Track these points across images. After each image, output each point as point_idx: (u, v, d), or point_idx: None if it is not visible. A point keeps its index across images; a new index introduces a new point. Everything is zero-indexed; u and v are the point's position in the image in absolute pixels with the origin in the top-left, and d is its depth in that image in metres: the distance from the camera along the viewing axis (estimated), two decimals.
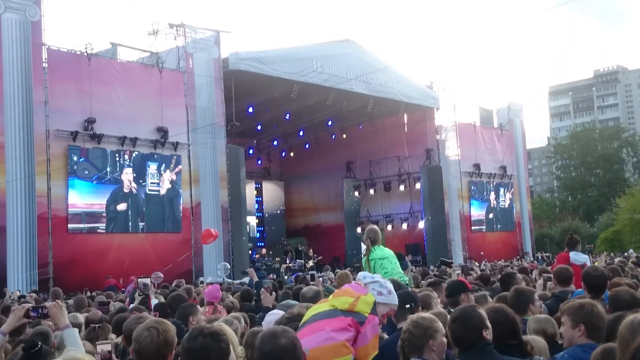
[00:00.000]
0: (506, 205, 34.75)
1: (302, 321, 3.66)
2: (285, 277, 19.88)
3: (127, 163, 20.09)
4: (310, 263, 26.25)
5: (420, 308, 4.66)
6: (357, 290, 3.75)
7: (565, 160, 72.64)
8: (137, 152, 20.33)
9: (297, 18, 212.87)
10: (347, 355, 3.59)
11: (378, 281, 3.93)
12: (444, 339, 3.67)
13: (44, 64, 18.55)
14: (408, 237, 31.18)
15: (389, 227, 31.37)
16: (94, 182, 19.43)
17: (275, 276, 18.87)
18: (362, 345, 3.65)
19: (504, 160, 34.61)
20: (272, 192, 34.71)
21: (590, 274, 5.96)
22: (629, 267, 10.68)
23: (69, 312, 8.01)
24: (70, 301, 9.91)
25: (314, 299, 5.00)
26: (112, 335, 5.57)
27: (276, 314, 4.42)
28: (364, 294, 3.75)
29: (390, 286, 3.97)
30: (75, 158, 19.05)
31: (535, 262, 24.62)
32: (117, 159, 19.93)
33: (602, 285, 5.85)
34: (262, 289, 6.47)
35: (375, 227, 7.59)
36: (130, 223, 20.18)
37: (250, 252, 25.87)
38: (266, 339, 2.94)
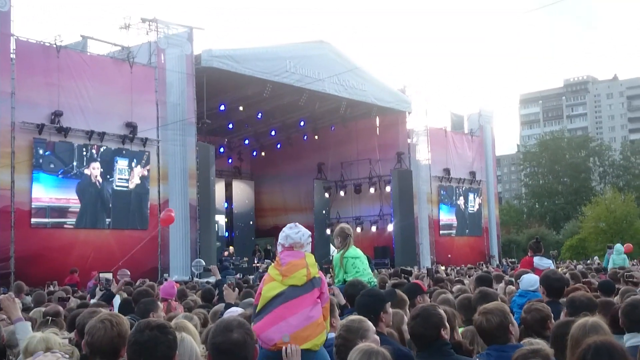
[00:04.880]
0: (474, 211, 35.10)
1: (261, 307, 3.59)
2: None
3: (95, 157, 19.80)
4: None
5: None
6: (299, 257, 3.72)
7: (534, 168, 73.75)
8: (104, 147, 20.04)
9: (272, 18, 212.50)
10: (323, 332, 3.65)
11: (310, 235, 3.96)
12: (376, 336, 3.71)
13: (11, 55, 18.14)
14: (377, 239, 31.28)
15: (359, 229, 31.42)
16: (60, 176, 19.08)
17: (241, 275, 18.76)
18: (325, 302, 3.73)
19: (473, 165, 34.97)
20: (242, 191, 34.55)
21: (550, 277, 6.00)
22: (591, 275, 10.85)
23: (29, 308, 7.88)
24: (29, 297, 9.73)
25: None
26: (65, 332, 5.46)
27: (234, 312, 4.37)
28: (303, 256, 3.74)
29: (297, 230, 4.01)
30: (41, 151, 18.69)
31: (500, 267, 24.90)
32: (84, 153, 19.61)
33: (561, 288, 5.90)
34: (225, 285, 6.41)
35: (348, 225, 7.59)
36: (96, 219, 19.89)
37: (219, 251, 25.69)
38: (219, 330, 2.92)
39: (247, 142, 33.33)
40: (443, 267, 21.55)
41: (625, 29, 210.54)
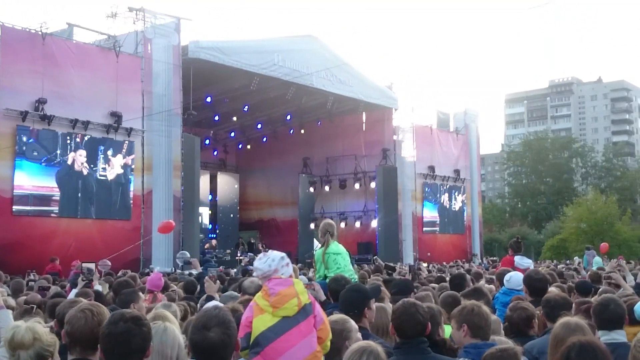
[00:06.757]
0: (458, 209, 35.30)
1: (254, 339, 3.51)
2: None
3: (79, 146, 19.66)
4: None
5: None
6: (288, 285, 3.69)
7: (517, 168, 74.24)
8: (89, 136, 19.91)
9: (260, 12, 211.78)
10: (322, 358, 3.65)
11: (283, 257, 3.92)
12: (359, 335, 3.72)
13: None
14: (361, 235, 31.37)
15: (343, 225, 31.51)
16: (43, 164, 18.94)
17: (223, 267, 18.73)
18: (321, 324, 3.70)
19: (458, 164, 35.14)
20: (226, 184, 34.47)
21: (532, 277, 6.09)
22: (567, 274, 10.98)
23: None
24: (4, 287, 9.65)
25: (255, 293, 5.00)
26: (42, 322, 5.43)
27: (213, 304, 4.38)
28: (292, 284, 3.72)
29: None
30: (24, 138, 18.53)
31: (481, 265, 25.06)
32: (68, 141, 19.47)
33: (543, 288, 5.97)
34: (206, 278, 6.42)
35: (332, 221, 7.63)
36: (79, 208, 19.76)
37: (200, 243, 25.63)
38: (197, 328, 2.90)
39: (232, 134, 33.24)
40: (425, 264, 21.63)
41: (611, 32, 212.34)
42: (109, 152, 20.39)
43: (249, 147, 33.68)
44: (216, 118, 29.82)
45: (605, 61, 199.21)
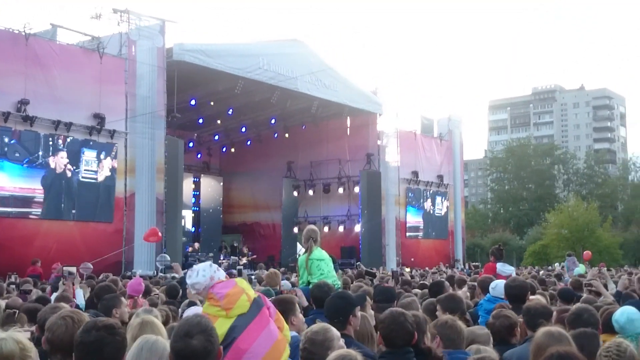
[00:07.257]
0: (441, 214, 35.47)
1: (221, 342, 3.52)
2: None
3: (61, 148, 19.51)
4: (244, 260, 26.12)
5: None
6: (232, 286, 3.66)
7: (500, 174, 74.85)
8: (71, 138, 19.75)
9: (246, 15, 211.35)
10: (287, 345, 3.65)
11: (211, 264, 3.89)
12: (341, 342, 3.74)
13: None
14: (344, 239, 31.40)
15: (326, 229, 31.51)
16: (25, 165, 18.76)
17: None
18: (275, 314, 3.74)
19: (441, 169, 35.32)
20: (210, 187, 34.36)
21: (508, 285, 6.21)
22: (549, 282, 11.08)
23: None
24: None
25: None
26: (26, 326, 5.37)
27: (194, 310, 4.38)
28: (235, 283, 3.71)
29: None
30: (6, 139, 18.34)
31: (464, 271, 25.17)
32: (50, 143, 19.30)
33: (521, 295, 6.04)
34: None
35: (315, 227, 7.65)
36: (61, 209, 19.58)
37: (184, 246, 25.52)
38: (179, 335, 2.86)
39: (216, 137, 33.15)
40: (408, 269, 21.69)
41: (593, 41, 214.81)
42: (91, 154, 20.24)
43: (233, 150, 33.61)
44: (200, 121, 29.74)
45: (587, 69, 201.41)
